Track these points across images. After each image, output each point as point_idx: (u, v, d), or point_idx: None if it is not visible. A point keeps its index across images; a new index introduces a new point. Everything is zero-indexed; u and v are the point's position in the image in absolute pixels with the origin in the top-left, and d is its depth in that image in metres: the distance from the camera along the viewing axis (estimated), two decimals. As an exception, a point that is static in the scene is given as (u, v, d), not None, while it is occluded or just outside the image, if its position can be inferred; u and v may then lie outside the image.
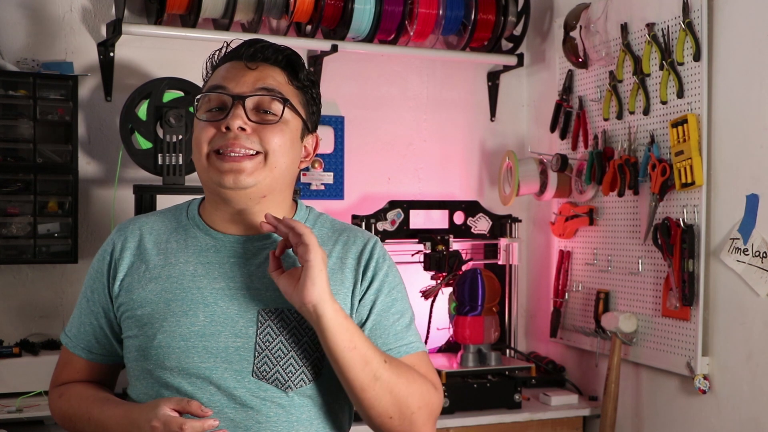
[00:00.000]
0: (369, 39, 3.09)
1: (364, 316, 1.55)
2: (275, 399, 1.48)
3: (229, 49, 1.58)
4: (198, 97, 1.55)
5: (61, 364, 1.66)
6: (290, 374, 1.48)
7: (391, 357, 1.51)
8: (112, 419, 1.49)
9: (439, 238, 3.06)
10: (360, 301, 1.55)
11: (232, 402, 1.46)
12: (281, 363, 1.48)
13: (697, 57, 2.57)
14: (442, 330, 3.12)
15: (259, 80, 1.52)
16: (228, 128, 1.48)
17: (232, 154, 1.48)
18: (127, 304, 1.54)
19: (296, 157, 1.57)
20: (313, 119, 1.61)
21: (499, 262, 3.22)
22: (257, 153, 1.49)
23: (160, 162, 2.67)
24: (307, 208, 1.65)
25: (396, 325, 1.56)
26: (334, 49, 3.02)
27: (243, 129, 1.48)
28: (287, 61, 1.56)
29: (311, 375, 1.50)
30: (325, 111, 3.28)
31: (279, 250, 1.49)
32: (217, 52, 1.59)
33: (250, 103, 1.50)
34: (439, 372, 2.81)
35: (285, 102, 1.52)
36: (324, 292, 1.43)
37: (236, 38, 1.64)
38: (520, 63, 3.33)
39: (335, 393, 1.54)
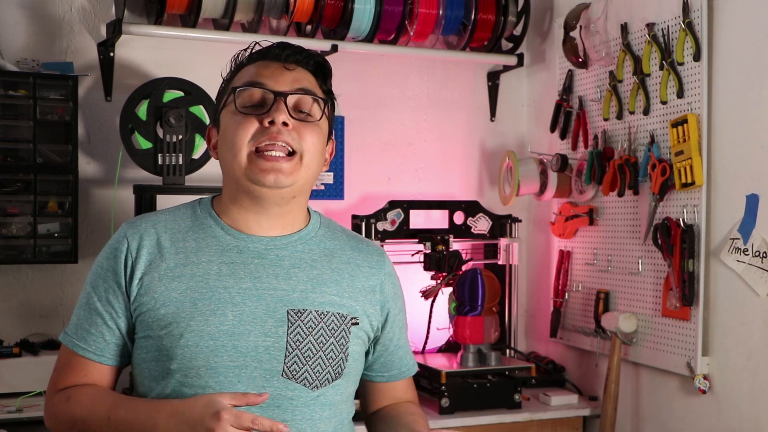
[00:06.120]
0: (369, 39, 3.09)
1: (385, 336, 1.68)
2: (301, 398, 1.50)
3: (257, 49, 1.58)
4: (238, 89, 1.53)
5: (61, 368, 1.58)
6: (318, 373, 1.51)
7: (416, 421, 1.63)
8: (141, 416, 1.43)
9: (439, 238, 3.06)
10: (385, 323, 1.66)
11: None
12: (310, 362, 1.50)
13: (697, 57, 2.57)
14: (442, 330, 3.12)
15: (297, 81, 1.54)
16: (272, 122, 1.49)
17: (274, 153, 1.49)
18: (147, 303, 1.50)
19: (322, 161, 1.59)
20: (332, 126, 1.65)
21: (499, 262, 3.22)
22: (293, 153, 1.51)
23: (160, 162, 2.67)
24: (317, 213, 1.68)
25: (406, 346, 1.72)
26: (334, 49, 3.02)
27: (286, 124, 1.50)
28: (318, 66, 1.60)
29: (334, 375, 1.53)
30: (325, 111, 3.31)
31: None
32: (242, 51, 1.59)
33: (290, 101, 1.52)
34: (439, 372, 2.81)
35: (325, 103, 1.56)
36: None
37: (265, 39, 1.66)
38: (520, 63, 3.33)
39: (349, 394, 1.60)
